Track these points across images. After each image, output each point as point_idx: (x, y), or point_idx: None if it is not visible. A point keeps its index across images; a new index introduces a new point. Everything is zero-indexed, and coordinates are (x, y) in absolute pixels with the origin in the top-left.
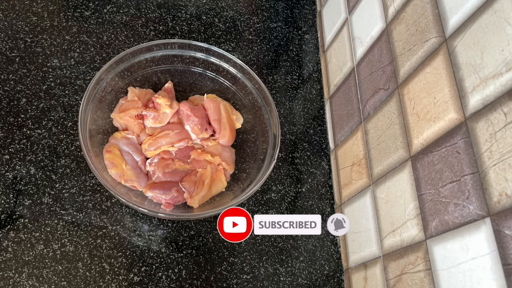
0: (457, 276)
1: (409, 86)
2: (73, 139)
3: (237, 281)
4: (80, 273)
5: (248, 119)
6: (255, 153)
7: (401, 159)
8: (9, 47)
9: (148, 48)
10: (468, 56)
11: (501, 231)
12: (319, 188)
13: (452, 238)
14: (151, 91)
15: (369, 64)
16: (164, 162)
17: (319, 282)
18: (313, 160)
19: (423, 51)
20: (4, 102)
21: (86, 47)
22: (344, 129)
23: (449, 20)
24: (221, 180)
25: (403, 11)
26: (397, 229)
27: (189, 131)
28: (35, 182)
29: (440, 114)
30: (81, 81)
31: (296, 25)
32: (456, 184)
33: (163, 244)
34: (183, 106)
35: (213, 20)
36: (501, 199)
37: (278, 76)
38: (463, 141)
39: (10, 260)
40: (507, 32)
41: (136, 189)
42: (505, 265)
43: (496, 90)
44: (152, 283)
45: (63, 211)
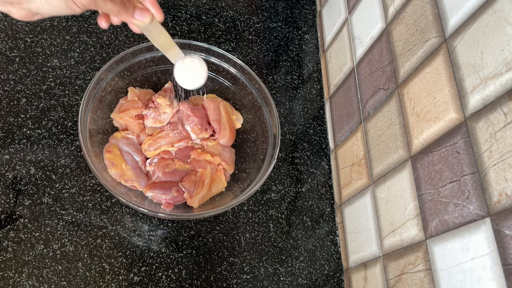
0: (457, 276)
1: (409, 86)
2: (73, 139)
3: (237, 281)
4: (80, 273)
5: (248, 119)
6: (255, 153)
7: (401, 159)
8: (9, 47)
9: (148, 48)
10: (468, 56)
11: (501, 231)
12: (319, 188)
13: (452, 238)
14: (151, 91)
15: (369, 64)
16: (164, 162)
17: (319, 282)
18: (313, 160)
19: (423, 51)
20: (4, 102)
21: (86, 47)
22: (344, 129)
23: (449, 20)
24: (221, 180)
25: (403, 11)
26: (397, 229)
27: (189, 131)
28: (35, 182)
29: (440, 114)
30: (81, 81)
31: (296, 25)
32: (456, 184)
33: (163, 244)
34: (183, 106)
35: (213, 20)
36: (501, 199)
37: (278, 76)
38: (463, 141)
39: (10, 260)
40: (507, 32)
41: (136, 189)
42: (505, 265)
43: (496, 90)
44: (152, 283)
45: (63, 211)
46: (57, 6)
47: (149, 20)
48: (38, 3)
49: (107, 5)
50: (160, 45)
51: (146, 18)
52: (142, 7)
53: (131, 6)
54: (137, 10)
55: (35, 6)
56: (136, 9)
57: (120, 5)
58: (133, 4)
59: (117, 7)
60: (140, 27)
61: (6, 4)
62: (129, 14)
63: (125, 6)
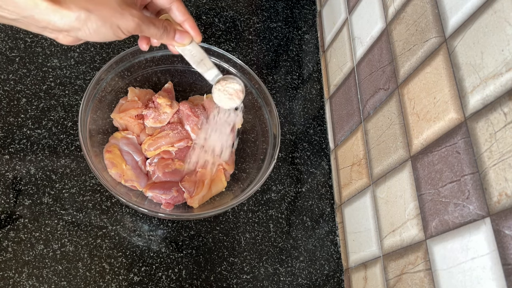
0: (457, 276)
1: (409, 86)
2: (73, 139)
3: (237, 281)
4: (80, 273)
5: (248, 119)
6: (255, 153)
7: (401, 159)
8: (9, 47)
9: (148, 48)
10: (468, 56)
11: (501, 231)
12: (319, 188)
13: (452, 238)
14: (151, 91)
15: (369, 64)
16: (164, 162)
17: (319, 282)
18: (313, 160)
19: (423, 51)
20: (4, 102)
21: (86, 47)
22: (344, 129)
23: (449, 20)
24: (221, 180)
25: (403, 11)
26: (397, 229)
27: (189, 131)
28: (35, 182)
29: (440, 114)
30: (81, 81)
31: (296, 25)
32: (456, 184)
33: (163, 244)
34: (183, 106)
35: (213, 20)
36: (501, 199)
37: (278, 76)
38: (463, 141)
39: (10, 260)
40: (507, 32)
41: (136, 189)
42: (505, 265)
43: (496, 90)
44: (152, 283)
45: (63, 211)
46: (105, 34)
47: (188, 42)
48: (87, 31)
49: (151, 30)
50: (198, 65)
51: (186, 40)
52: (182, 30)
53: (172, 29)
54: (178, 33)
55: (83, 34)
56: (176, 32)
57: (162, 29)
58: (174, 28)
59: (160, 31)
60: (180, 49)
61: (54, 32)
62: (170, 37)
63: (166, 30)
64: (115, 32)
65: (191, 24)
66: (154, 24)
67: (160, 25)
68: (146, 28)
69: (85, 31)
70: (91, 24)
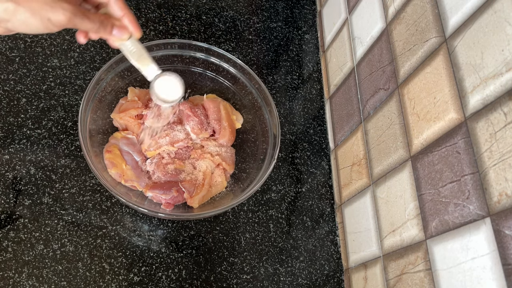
0: (457, 276)
1: (409, 86)
2: (73, 139)
3: (237, 281)
4: (80, 273)
5: (248, 119)
6: (255, 153)
7: (401, 159)
8: (9, 47)
9: (148, 48)
10: (468, 56)
11: (501, 231)
12: (319, 188)
13: (452, 238)
14: None
15: (369, 64)
16: (164, 162)
17: (319, 282)
18: (313, 160)
19: (423, 51)
20: (4, 102)
21: (86, 47)
22: (344, 129)
23: (449, 20)
24: (221, 180)
25: (403, 11)
26: (397, 229)
27: (189, 131)
28: (35, 182)
29: (440, 114)
30: (81, 81)
31: (296, 25)
32: (456, 184)
33: (163, 244)
34: (183, 106)
35: (213, 20)
36: (501, 199)
37: (278, 76)
38: (463, 141)
39: (10, 260)
40: (507, 32)
41: (136, 189)
42: (505, 265)
43: (496, 90)
44: (152, 283)
45: (63, 211)
46: (35, 26)
47: (127, 37)
48: (16, 23)
49: (85, 23)
50: (137, 61)
51: (124, 35)
52: (120, 25)
53: (109, 24)
54: (116, 28)
55: (12, 26)
56: (114, 27)
57: (98, 23)
58: (111, 22)
59: (96, 25)
60: (118, 43)
61: None
62: (107, 31)
63: (103, 24)
64: (45, 25)
65: (130, 19)
66: (89, 18)
67: (96, 19)
68: (80, 22)
69: (14, 22)
70: (19, 15)
